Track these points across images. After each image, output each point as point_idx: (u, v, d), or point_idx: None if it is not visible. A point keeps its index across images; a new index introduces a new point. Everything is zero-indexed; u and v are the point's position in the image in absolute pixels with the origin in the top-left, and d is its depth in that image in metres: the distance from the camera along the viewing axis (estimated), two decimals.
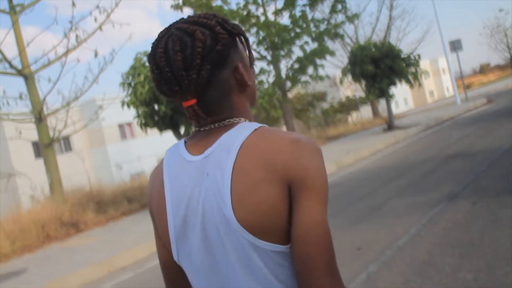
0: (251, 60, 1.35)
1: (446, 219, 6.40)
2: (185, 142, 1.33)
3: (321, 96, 34.88)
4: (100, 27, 13.72)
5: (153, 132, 14.44)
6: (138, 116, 11.85)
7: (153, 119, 11.70)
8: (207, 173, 1.21)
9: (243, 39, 1.32)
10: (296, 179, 1.15)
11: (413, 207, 7.49)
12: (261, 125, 1.25)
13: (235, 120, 1.27)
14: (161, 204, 1.29)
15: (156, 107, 11.46)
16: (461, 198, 7.32)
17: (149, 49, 1.27)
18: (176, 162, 1.29)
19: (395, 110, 56.66)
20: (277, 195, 1.14)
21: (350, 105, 35.97)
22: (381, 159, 14.44)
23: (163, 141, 20.96)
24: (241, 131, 1.21)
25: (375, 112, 33.54)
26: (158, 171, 1.34)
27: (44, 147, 12.95)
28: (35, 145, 28.16)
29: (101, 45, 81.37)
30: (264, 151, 1.17)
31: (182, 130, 11.64)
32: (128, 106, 11.81)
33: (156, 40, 1.25)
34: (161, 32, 1.26)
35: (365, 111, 38.77)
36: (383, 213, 7.58)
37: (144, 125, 11.82)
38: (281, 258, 1.18)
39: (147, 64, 12.24)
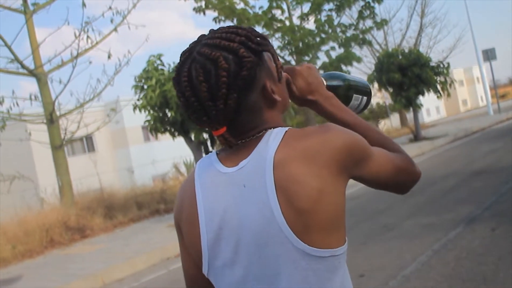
0: (279, 72, 1.31)
1: (460, 246, 5.82)
2: (217, 154, 1.31)
3: None
4: (115, 29, 13.44)
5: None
6: (149, 120, 11.48)
7: (163, 124, 11.32)
8: (243, 185, 1.20)
9: (269, 53, 1.29)
10: (344, 160, 1.19)
11: (427, 229, 6.92)
12: (288, 128, 1.25)
13: (266, 130, 1.25)
14: (192, 216, 1.27)
15: (167, 112, 11.08)
16: (479, 222, 6.72)
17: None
18: (209, 174, 1.28)
19: (426, 118, 55.58)
20: (329, 183, 1.16)
21: (380, 113, 35.11)
22: None
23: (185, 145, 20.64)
24: (273, 138, 1.21)
25: (403, 121, 32.67)
26: (189, 183, 1.32)
27: (55, 149, 12.70)
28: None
29: (129, 46, 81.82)
30: (302, 149, 1.17)
31: (192, 136, 11.22)
32: (140, 110, 11.46)
33: (179, 63, 1.24)
34: (183, 53, 1.25)
35: (395, 119, 37.88)
36: (395, 235, 7.02)
37: (154, 130, 11.45)
38: (329, 264, 1.19)
39: (160, 67, 11.90)
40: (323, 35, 21.38)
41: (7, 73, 12.61)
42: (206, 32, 1.33)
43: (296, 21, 22.78)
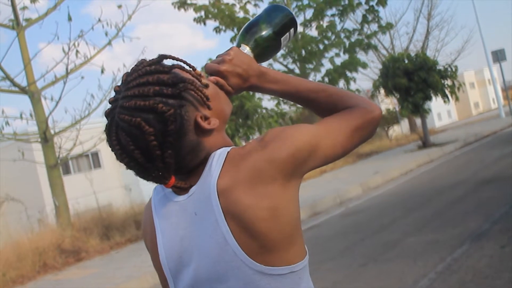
0: (205, 96, 1.24)
1: (466, 267, 5.33)
2: None
3: None
4: (110, 42, 13.09)
5: None
6: None
7: None
8: (194, 213, 1.20)
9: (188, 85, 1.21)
10: (290, 167, 1.17)
11: (431, 247, 6.41)
12: (230, 148, 1.22)
13: (211, 155, 1.23)
14: (155, 245, 1.28)
15: None
16: (488, 238, 6.22)
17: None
18: (163, 203, 1.28)
19: (437, 123, 54.82)
20: (279, 198, 1.15)
21: (390, 118, 34.45)
22: (410, 181, 13.29)
23: None
24: (215, 162, 1.19)
25: (412, 127, 32.04)
26: (148, 211, 1.33)
27: (50, 169, 12.33)
28: (64, 163, 27.86)
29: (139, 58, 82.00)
30: (245, 170, 1.15)
31: None
32: None
33: (106, 128, 1.21)
34: (106, 115, 1.21)
35: (406, 125, 37.20)
36: (397, 254, 6.52)
37: None
38: (290, 281, 1.18)
39: None
40: (326, 42, 21.00)
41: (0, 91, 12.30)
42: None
43: (298, 28, 22.45)
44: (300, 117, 27.97)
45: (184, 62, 1.28)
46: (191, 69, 1.27)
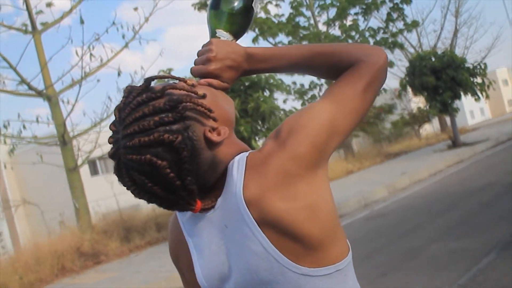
0: (206, 109, 1.15)
1: (491, 280, 4.98)
2: None
3: (389, 108, 32.83)
4: (126, 45, 12.96)
5: None
6: None
7: None
8: (225, 225, 1.16)
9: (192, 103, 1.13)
10: (313, 159, 1.12)
11: (456, 255, 6.06)
12: (248, 153, 1.18)
13: (230, 164, 1.18)
14: (190, 263, 1.23)
15: None
16: None
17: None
18: (192, 220, 1.23)
19: (470, 121, 53.64)
20: (312, 193, 1.12)
21: (421, 117, 33.67)
22: (438, 182, 12.85)
23: None
24: (236, 170, 1.14)
25: (443, 126, 31.30)
26: (176, 229, 1.29)
27: (69, 172, 12.27)
28: (91, 163, 28.01)
29: (172, 60, 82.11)
30: (270, 175, 1.10)
31: None
32: None
33: (115, 170, 1.14)
34: (111, 157, 1.13)
35: (437, 123, 36.38)
36: (419, 263, 6.18)
37: None
38: (336, 280, 1.16)
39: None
40: (350, 41, 20.59)
41: (17, 95, 12.28)
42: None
43: (322, 28, 22.06)
44: None
45: (172, 77, 1.21)
46: (182, 81, 1.17)
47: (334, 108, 1.16)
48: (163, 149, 1.08)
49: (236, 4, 1.31)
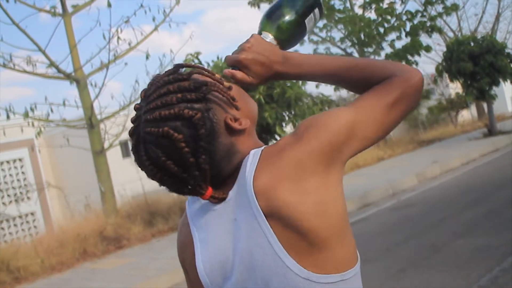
0: (230, 97, 1.17)
1: None
2: None
3: (426, 94, 32.01)
4: (156, 28, 12.82)
5: None
6: None
7: None
8: (234, 219, 1.14)
9: (216, 87, 1.16)
10: (328, 156, 1.11)
11: (481, 253, 5.75)
12: (263, 147, 1.17)
13: (245, 158, 1.16)
14: (191, 256, 1.21)
15: None
16: None
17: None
18: (200, 213, 1.21)
19: (511, 108, 51.96)
20: (321, 191, 1.09)
21: (460, 103, 32.73)
22: (470, 172, 12.41)
23: None
24: (249, 163, 1.13)
25: (480, 112, 30.37)
26: (185, 225, 1.26)
27: (96, 155, 12.27)
28: (123, 145, 28.18)
29: (209, 42, 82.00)
30: (282, 167, 1.09)
31: None
32: None
33: (133, 147, 1.16)
34: (131, 135, 1.16)
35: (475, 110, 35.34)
36: (440, 259, 5.90)
37: None
38: None
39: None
40: (386, 25, 20.01)
41: (47, 78, 12.32)
42: None
43: (358, 11, 21.52)
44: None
45: (202, 69, 1.23)
46: (210, 74, 1.21)
47: (357, 114, 1.15)
48: (182, 123, 1.10)
49: (288, 17, 1.33)
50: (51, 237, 10.88)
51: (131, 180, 16.34)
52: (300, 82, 10.20)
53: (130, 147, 1.24)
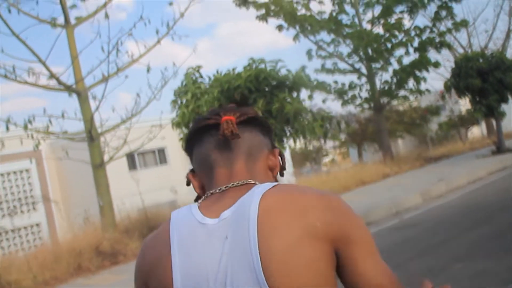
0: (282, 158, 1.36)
1: None
2: (198, 205, 1.21)
3: (435, 110, 31.68)
4: (159, 41, 12.72)
5: None
6: (181, 138, 10.63)
7: None
8: (226, 236, 1.12)
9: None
10: (341, 235, 1.11)
11: (477, 279, 5.50)
12: (277, 182, 1.21)
13: (251, 181, 1.21)
14: (165, 273, 1.13)
15: None
16: None
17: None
18: (187, 225, 1.17)
19: None
20: (319, 254, 1.08)
21: (470, 119, 32.34)
22: (476, 192, 12.13)
23: None
24: (259, 189, 1.14)
25: (490, 129, 29.99)
26: (161, 235, 1.19)
27: (95, 168, 12.14)
28: (130, 157, 28.09)
29: (220, 56, 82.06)
30: (294, 206, 1.10)
31: None
32: (174, 127, 10.63)
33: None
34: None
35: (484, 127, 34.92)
36: (438, 285, 5.64)
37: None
38: None
39: (200, 80, 11.06)
40: (394, 41, 19.84)
41: (48, 90, 12.23)
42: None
43: (366, 26, 21.38)
44: (364, 120, 26.79)
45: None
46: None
47: (375, 250, 1.20)
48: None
49: None
50: (47, 250, 10.71)
51: (143, 190, 16.18)
52: (300, 97, 10.05)
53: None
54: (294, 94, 9.86)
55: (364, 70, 21.44)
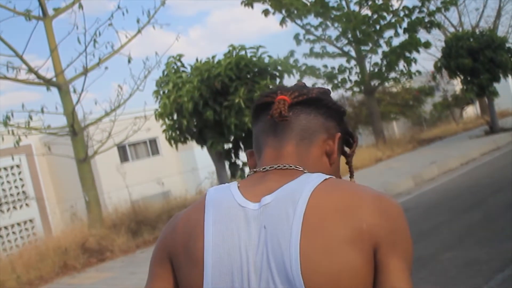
0: (352, 137, 1.29)
1: None
2: (238, 186, 1.14)
3: (429, 90, 31.37)
4: (140, 31, 12.40)
5: None
6: (165, 129, 10.35)
7: (181, 134, 10.16)
8: (264, 226, 1.04)
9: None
10: (385, 242, 1.02)
11: (467, 269, 5.29)
12: (330, 176, 1.10)
13: (299, 168, 1.13)
14: (194, 253, 1.06)
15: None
16: None
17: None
18: (225, 206, 1.09)
19: None
20: (361, 259, 1.00)
21: (465, 99, 31.98)
22: (469, 173, 11.94)
23: None
24: (309, 180, 1.07)
25: (483, 109, 29.76)
26: (195, 212, 1.12)
27: (79, 163, 11.85)
28: (121, 148, 27.74)
29: (215, 45, 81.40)
30: (343, 206, 1.03)
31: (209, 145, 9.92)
32: (157, 118, 10.36)
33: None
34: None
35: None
36: (425, 276, 5.43)
37: (172, 139, 10.31)
38: None
39: (182, 69, 10.78)
40: (382, 22, 19.53)
41: (27, 84, 11.90)
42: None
43: (354, 8, 21.04)
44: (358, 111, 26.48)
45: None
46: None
47: (409, 266, 1.06)
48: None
49: None
50: (32, 249, 10.46)
51: (137, 182, 15.91)
52: (284, 83, 9.77)
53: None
54: (278, 81, 9.58)
55: (353, 53, 21.15)
